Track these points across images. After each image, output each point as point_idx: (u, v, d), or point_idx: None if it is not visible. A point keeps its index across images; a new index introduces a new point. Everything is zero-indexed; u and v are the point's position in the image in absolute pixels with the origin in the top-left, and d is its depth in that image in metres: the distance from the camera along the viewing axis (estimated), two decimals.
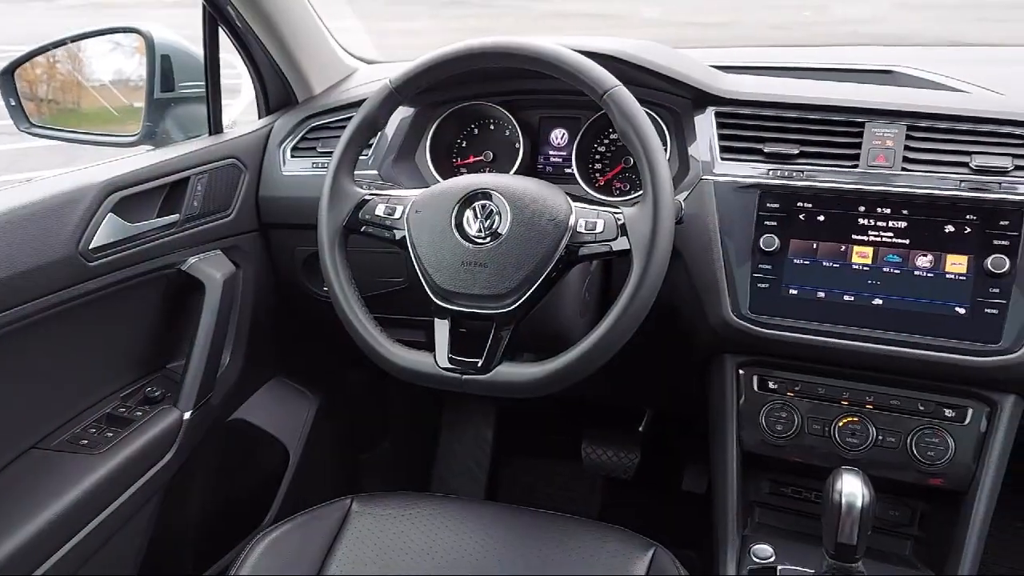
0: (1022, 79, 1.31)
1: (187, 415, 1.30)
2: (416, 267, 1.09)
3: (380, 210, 1.13)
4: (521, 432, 2.11)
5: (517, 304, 1.03)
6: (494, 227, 1.06)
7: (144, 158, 1.30)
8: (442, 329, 1.07)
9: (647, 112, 1.12)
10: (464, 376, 1.05)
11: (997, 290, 1.06)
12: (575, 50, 1.06)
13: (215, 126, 1.46)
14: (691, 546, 1.47)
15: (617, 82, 1.03)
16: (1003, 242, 1.06)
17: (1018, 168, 1.08)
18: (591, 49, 1.11)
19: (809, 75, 1.34)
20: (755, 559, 1.19)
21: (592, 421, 1.97)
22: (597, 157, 1.40)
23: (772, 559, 1.18)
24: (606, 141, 1.39)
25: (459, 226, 1.07)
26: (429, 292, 1.08)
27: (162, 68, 1.47)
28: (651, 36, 1.40)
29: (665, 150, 1.29)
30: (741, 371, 1.24)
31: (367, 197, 1.14)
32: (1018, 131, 1.10)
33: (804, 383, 1.21)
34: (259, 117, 1.56)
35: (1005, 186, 1.07)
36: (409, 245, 1.10)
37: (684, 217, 1.18)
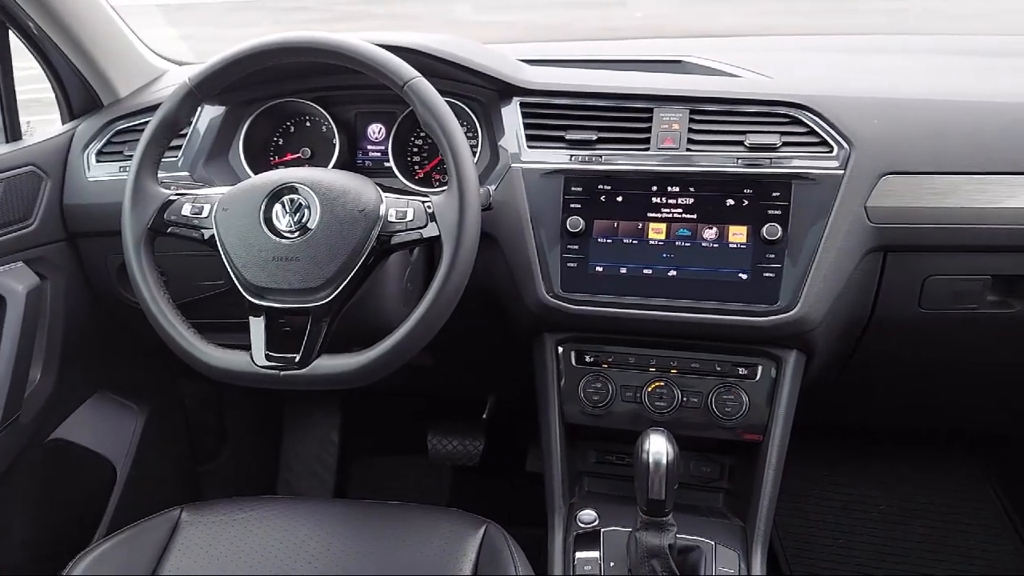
0: (790, 64, 1.44)
1: None
2: (227, 265, 1.08)
3: (186, 210, 1.11)
4: (368, 431, 2.11)
5: (333, 296, 1.04)
6: (303, 221, 1.06)
7: None
8: (257, 327, 1.07)
9: (454, 103, 1.15)
10: (282, 372, 1.05)
11: (773, 256, 1.16)
12: (376, 44, 1.08)
13: (12, 133, 1.39)
14: (535, 524, 1.52)
15: (416, 73, 1.06)
16: (776, 212, 1.17)
17: (786, 144, 1.19)
18: (392, 43, 1.14)
19: (609, 66, 1.41)
20: (580, 524, 1.25)
21: (437, 414, 2.00)
22: (415, 150, 1.42)
23: (596, 523, 1.25)
24: (422, 134, 1.41)
25: (268, 221, 1.07)
26: (241, 289, 1.07)
27: None
28: (485, 37, 1.45)
29: (476, 142, 1.34)
30: (560, 348, 1.30)
31: (172, 197, 1.12)
32: (783, 111, 1.21)
33: (617, 354, 1.28)
34: (63, 123, 1.49)
35: (775, 161, 1.18)
36: (218, 244, 1.08)
37: (495, 204, 1.23)
